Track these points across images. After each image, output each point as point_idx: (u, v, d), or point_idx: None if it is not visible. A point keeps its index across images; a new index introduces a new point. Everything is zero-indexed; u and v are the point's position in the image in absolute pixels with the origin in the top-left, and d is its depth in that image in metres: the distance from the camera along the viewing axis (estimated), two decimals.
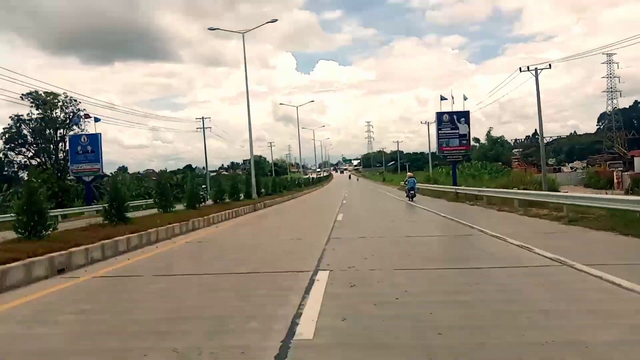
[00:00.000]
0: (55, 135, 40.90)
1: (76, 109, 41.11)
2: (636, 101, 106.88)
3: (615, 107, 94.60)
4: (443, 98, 30.37)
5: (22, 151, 41.90)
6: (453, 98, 30.01)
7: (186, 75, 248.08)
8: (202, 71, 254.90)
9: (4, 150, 41.36)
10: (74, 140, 31.70)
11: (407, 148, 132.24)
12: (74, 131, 39.98)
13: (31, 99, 38.88)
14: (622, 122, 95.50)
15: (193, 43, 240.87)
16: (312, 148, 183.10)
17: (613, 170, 57.79)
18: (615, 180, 49.01)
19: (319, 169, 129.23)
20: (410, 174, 26.42)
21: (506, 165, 73.75)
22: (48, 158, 41.25)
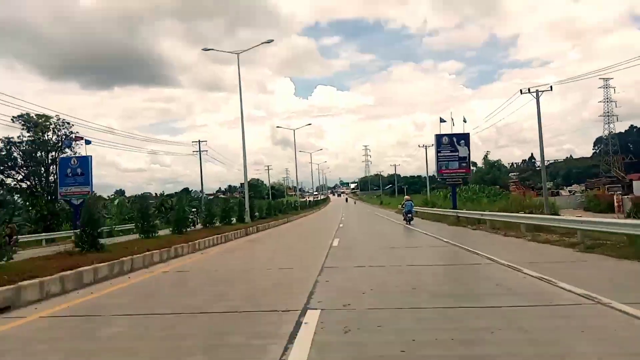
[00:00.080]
0: (46, 157, 40.05)
1: (69, 132, 40.40)
2: (632, 126, 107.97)
3: (611, 132, 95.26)
4: (442, 120, 29.75)
5: (12, 174, 40.90)
6: (453, 120, 29.42)
7: (185, 100, 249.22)
8: (201, 96, 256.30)
9: None
10: (64, 162, 30.86)
11: (405, 172, 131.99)
12: (67, 154, 39.21)
13: (22, 122, 38.21)
14: (619, 146, 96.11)
15: (192, 68, 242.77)
16: (310, 172, 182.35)
17: (612, 193, 57.43)
18: (615, 203, 48.40)
19: (317, 192, 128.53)
20: (407, 197, 26.33)
21: (504, 188, 73.26)
22: (38, 181, 40.29)
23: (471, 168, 30.53)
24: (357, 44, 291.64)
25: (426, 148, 61.90)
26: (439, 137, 28.83)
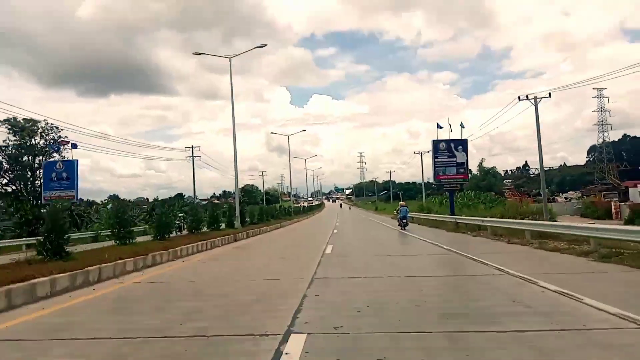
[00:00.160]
0: (33, 162, 39.03)
1: (57, 136, 39.46)
2: (625, 134, 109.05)
3: (605, 140, 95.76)
4: (439, 126, 29.06)
5: None
6: (450, 126, 28.71)
7: (182, 108, 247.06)
8: (198, 104, 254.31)
9: None
10: (49, 166, 29.82)
11: (399, 178, 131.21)
12: (55, 158, 38.20)
13: (9, 126, 37.20)
14: (613, 154, 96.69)
15: (189, 77, 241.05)
16: (305, 178, 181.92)
17: (608, 200, 57.05)
18: (613, 210, 47.99)
19: (311, 198, 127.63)
20: (402, 203, 25.55)
21: (499, 195, 72.79)
22: (24, 185, 39.24)
23: (468, 174, 29.65)
24: (353, 55, 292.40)
25: (422, 155, 61.42)
26: (437, 143, 28.09)
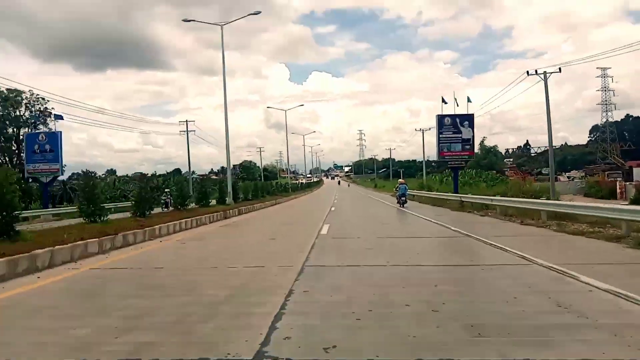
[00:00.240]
0: (18, 134, 37.54)
1: (43, 107, 37.85)
2: (628, 114, 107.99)
3: (609, 120, 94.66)
4: (444, 101, 27.47)
5: None
6: (456, 100, 27.12)
7: (179, 83, 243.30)
8: (196, 80, 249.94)
9: None
10: (31, 138, 28.28)
11: (399, 156, 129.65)
12: (41, 130, 36.70)
13: None
14: (616, 134, 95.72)
15: (187, 53, 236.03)
16: (304, 155, 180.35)
17: (612, 180, 56.09)
18: (618, 190, 47.02)
19: (310, 175, 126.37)
20: (401, 181, 25.05)
21: (500, 174, 71.69)
22: (9, 158, 37.87)
23: (474, 151, 28.26)
24: (353, 33, 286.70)
25: (423, 132, 59.96)
26: (441, 118, 26.63)
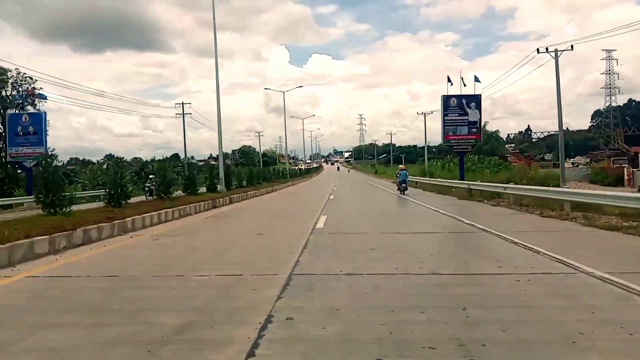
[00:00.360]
0: (3, 115, 35.91)
1: (30, 87, 36.23)
2: (630, 99, 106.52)
3: (613, 104, 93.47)
4: (450, 81, 25.87)
5: None
6: (462, 80, 25.51)
7: (178, 65, 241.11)
8: (195, 62, 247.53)
9: None
10: (14, 119, 26.71)
11: (399, 141, 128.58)
12: (29, 111, 35.15)
13: None
14: (620, 119, 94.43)
15: (186, 34, 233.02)
16: (303, 139, 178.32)
17: (618, 166, 54.89)
18: (625, 176, 45.78)
19: (310, 161, 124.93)
20: (402, 167, 24.08)
21: (502, 159, 70.38)
22: None
23: (481, 135, 26.72)
24: (353, 13, 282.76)
25: (425, 115, 58.50)
26: (446, 99, 25.07)
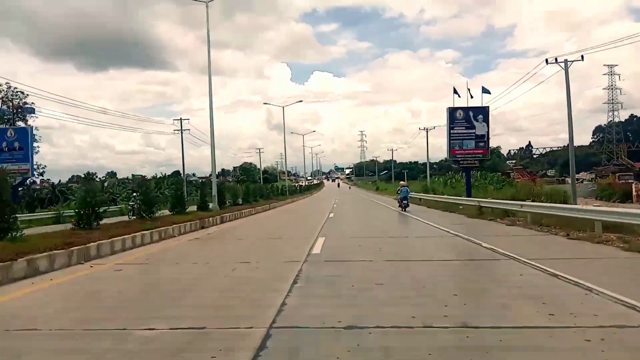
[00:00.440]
0: None
1: (22, 102, 35.43)
2: (632, 115, 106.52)
3: (616, 119, 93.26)
4: (456, 92, 24.65)
5: None
6: (469, 91, 24.34)
7: (181, 83, 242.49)
8: (197, 80, 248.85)
9: None
10: None
11: (400, 158, 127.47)
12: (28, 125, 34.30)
13: None
14: (622, 135, 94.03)
15: (188, 52, 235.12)
16: (306, 156, 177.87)
17: (624, 182, 53.68)
18: (634, 192, 44.28)
19: (310, 177, 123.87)
20: (403, 183, 23.58)
21: (505, 175, 69.24)
22: None
23: (489, 149, 25.41)
24: (354, 32, 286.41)
25: (427, 131, 57.60)
26: (452, 111, 23.86)
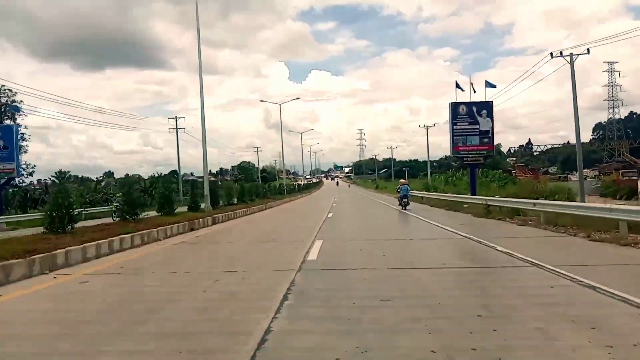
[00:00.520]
0: None
1: (11, 100, 34.51)
2: (631, 112, 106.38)
3: (616, 116, 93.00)
4: (459, 86, 23.77)
5: None
6: (472, 85, 23.44)
7: (178, 82, 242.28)
8: (194, 79, 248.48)
9: None
10: None
11: (399, 156, 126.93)
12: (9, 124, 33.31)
13: None
14: (623, 132, 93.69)
15: (185, 52, 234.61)
16: (305, 155, 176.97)
17: (627, 179, 52.92)
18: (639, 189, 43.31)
19: (309, 176, 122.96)
20: (402, 181, 23.16)
21: (507, 173, 68.40)
22: None
23: (494, 145, 24.46)
24: (352, 30, 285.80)
25: (427, 128, 56.79)
26: (455, 106, 22.92)
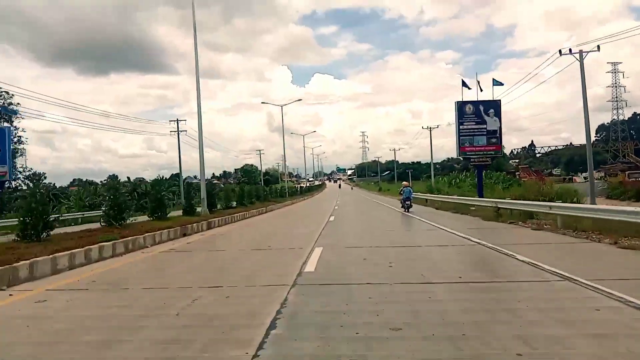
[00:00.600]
0: None
1: (7, 103, 34.03)
2: (635, 113, 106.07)
3: (620, 117, 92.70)
4: (465, 84, 23.01)
5: None
6: (479, 83, 22.65)
7: (182, 86, 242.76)
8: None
9: None
10: None
11: (402, 159, 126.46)
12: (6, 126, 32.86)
13: None
14: (627, 133, 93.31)
15: (189, 55, 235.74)
16: (308, 158, 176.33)
17: (634, 180, 52.19)
18: None
19: (312, 178, 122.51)
20: (405, 183, 22.94)
21: (510, 175, 67.83)
22: None
23: (502, 145, 23.69)
24: (354, 33, 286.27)
25: (430, 130, 56.24)
26: (462, 105, 22.18)
